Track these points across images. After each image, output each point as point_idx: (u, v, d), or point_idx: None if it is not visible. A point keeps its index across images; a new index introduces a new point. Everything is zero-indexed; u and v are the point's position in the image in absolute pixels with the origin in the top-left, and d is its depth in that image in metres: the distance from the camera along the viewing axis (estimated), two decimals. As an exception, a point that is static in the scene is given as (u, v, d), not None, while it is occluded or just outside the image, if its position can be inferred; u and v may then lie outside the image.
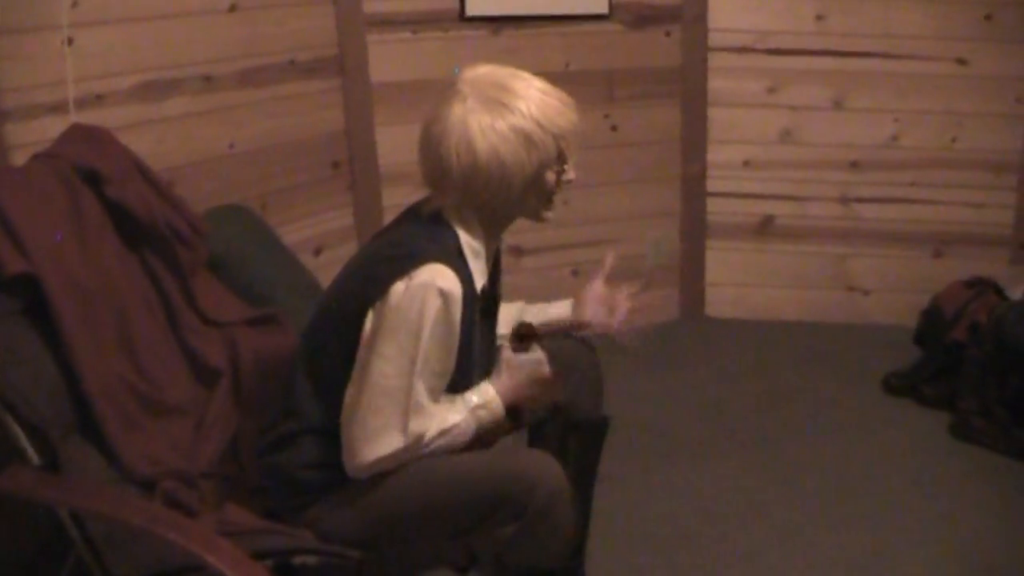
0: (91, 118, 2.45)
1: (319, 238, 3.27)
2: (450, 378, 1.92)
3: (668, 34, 3.64)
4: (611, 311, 2.21)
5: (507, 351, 2.05)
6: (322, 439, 1.92)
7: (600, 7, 3.52)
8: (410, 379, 1.82)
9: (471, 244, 1.91)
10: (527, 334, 2.11)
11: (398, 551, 2.01)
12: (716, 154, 3.82)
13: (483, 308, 1.98)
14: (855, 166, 3.77)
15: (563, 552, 1.98)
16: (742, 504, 2.81)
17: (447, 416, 1.91)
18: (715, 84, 3.74)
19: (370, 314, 1.84)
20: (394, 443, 1.84)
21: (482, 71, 1.86)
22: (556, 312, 2.26)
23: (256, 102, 3.00)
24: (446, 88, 1.86)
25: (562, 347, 2.18)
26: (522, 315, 2.24)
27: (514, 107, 1.81)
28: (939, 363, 3.31)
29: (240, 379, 2.24)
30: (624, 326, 2.18)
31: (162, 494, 1.96)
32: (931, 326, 3.46)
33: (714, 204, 3.89)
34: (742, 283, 3.97)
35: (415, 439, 1.86)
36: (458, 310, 1.84)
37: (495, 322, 2.13)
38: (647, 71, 3.67)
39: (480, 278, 1.93)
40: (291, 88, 3.10)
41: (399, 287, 1.81)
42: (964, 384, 3.15)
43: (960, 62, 3.60)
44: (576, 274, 3.79)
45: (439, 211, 1.91)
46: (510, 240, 2.14)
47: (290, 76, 3.08)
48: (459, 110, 1.81)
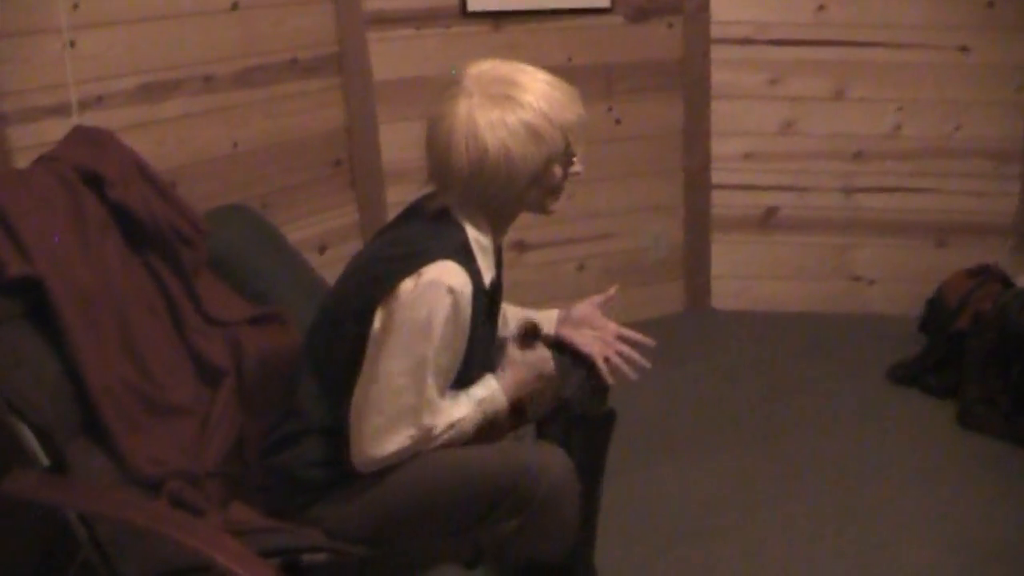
0: (92, 120, 2.46)
1: (323, 236, 3.27)
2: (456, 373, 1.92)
3: (670, 27, 3.63)
4: (601, 340, 2.16)
5: (512, 348, 2.05)
6: (326, 438, 1.92)
7: (601, 0, 3.52)
8: (421, 377, 1.83)
9: (479, 240, 1.91)
10: (532, 332, 2.11)
11: (404, 546, 2.02)
12: (718, 146, 3.81)
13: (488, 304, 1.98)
14: (857, 156, 3.76)
15: (569, 545, 1.98)
16: (747, 495, 2.82)
17: (453, 411, 1.92)
18: (717, 76, 3.73)
19: (379, 313, 1.84)
20: (404, 439, 1.85)
21: (485, 66, 1.86)
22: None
23: (257, 101, 3.00)
24: (449, 85, 1.85)
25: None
26: (505, 322, 2.23)
27: (522, 101, 1.80)
28: (943, 352, 3.31)
29: (244, 378, 2.24)
30: (607, 364, 2.13)
31: (168, 494, 1.97)
32: (935, 315, 3.45)
33: (717, 196, 3.88)
34: (746, 275, 3.97)
35: (425, 434, 1.87)
36: (467, 307, 1.84)
37: (497, 317, 2.14)
38: (649, 64, 3.66)
39: (488, 273, 1.93)
40: (292, 87, 3.10)
41: (408, 285, 1.81)
42: (968, 373, 3.14)
43: (962, 50, 3.59)
44: (581, 269, 3.79)
45: (445, 208, 1.91)
46: (513, 235, 2.13)
47: (291, 75, 3.08)
48: (465, 106, 1.80)
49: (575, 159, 1.91)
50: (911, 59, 3.62)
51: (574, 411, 2.13)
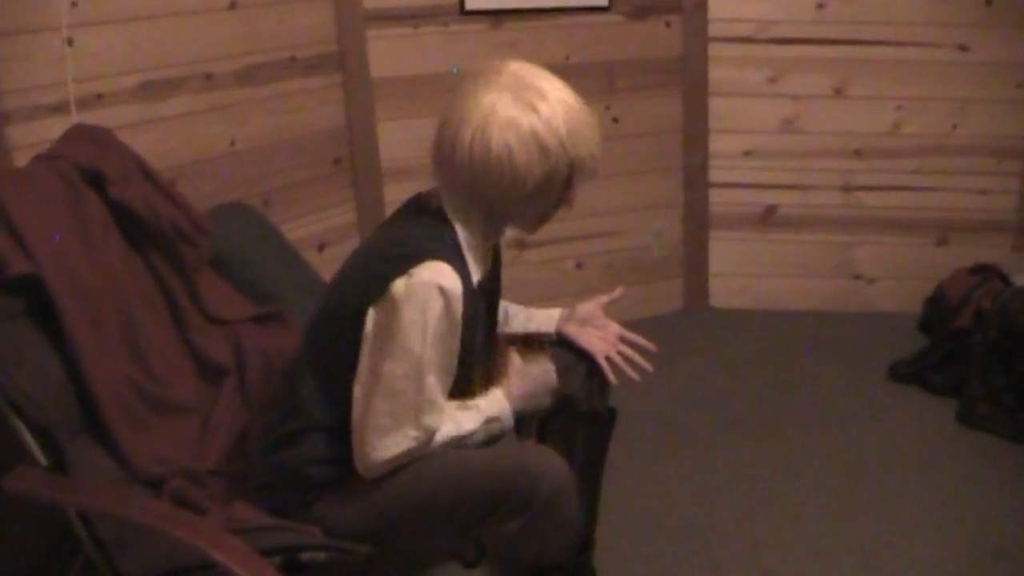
0: (92, 118, 2.45)
1: (322, 234, 3.27)
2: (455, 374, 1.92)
3: (668, 25, 3.63)
4: (603, 339, 2.18)
5: (516, 358, 2.06)
6: (328, 435, 1.92)
7: (600, -2, 3.52)
8: (419, 377, 1.83)
9: (468, 240, 1.91)
10: (536, 342, 2.11)
11: (405, 546, 2.02)
12: (718, 144, 3.81)
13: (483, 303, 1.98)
14: (857, 154, 3.76)
15: (569, 546, 1.99)
16: (748, 493, 2.82)
17: (463, 423, 1.93)
18: (716, 74, 3.73)
19: (371, 313, 1.84)
20: (406, 442, 1.85)
21: (529, 70, 1.85)
22: (539, 324, 2.25)
23: (257, 99, 3.00)
24: (488, 72, 1.84)
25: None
26: (507, 318, 2.23)
27: (542, 113, 1.80)
28: (944, 350, 3.31)
29: (246, 376, 2.24)
30: (609, 363, 2.15)
31: (169, 492, 1.97)
32: (936, 313, 3.45)
33: (716, 194, 3.88)
34: (746, 273, 3.97)
35: (427, 436, 1.87)
36: (459, 307, 1.84)
37: (495, 318, 2.14)
38: (648, 62, 3.66)
39: (476, 274, 1.93)
40: (292, 85, 3.10)
41: (399, 285, 1.81)
42: (970, 371, 3.14)
43: (961, 48, 3.59)
44: (580, 266, 3.79)
45: (439, 207, 1.91)
46: (512, 233, 2.13)
47: (290, 73, 3.08)
48: (492, 98, 1.80)
49: (571, 193, 1.91)
50: (911, 57, 3.62)
51: (577, 407, 2.14)
